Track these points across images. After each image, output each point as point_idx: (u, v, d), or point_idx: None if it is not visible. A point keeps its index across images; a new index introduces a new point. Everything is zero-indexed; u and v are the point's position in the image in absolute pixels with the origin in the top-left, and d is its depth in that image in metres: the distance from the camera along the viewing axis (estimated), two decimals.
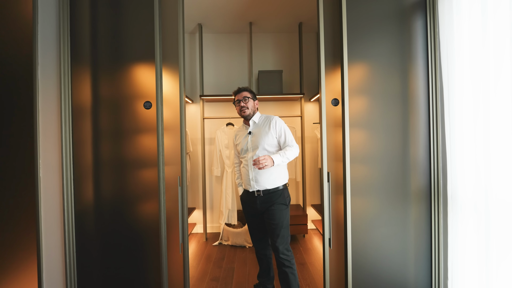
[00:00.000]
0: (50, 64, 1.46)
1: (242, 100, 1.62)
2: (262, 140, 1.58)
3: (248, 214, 1.70)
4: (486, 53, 1.13)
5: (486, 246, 1.13)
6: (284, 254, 1.55)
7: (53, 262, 1.46)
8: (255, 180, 1.60)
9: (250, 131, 1.64)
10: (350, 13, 1.52)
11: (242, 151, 1.66)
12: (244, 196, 1.71)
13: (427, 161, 1.53)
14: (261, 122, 1.65)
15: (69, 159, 1.45)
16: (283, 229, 1.56)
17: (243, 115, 1.63)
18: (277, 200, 1.58)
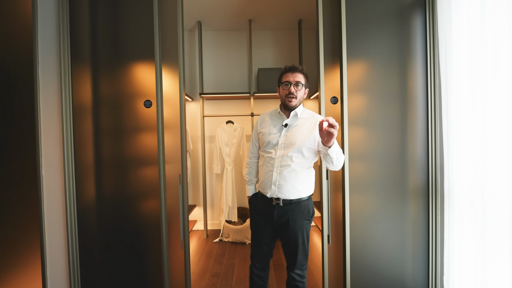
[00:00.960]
0: (50, 63, 1.47)
1: (294, 85, 1.24)
2: (301, 140, 1.23)
3: (259, 224, 1.35)
4: (484, 51, 1.14)
5: (482, 243, 1.15)
6: (300, 270, 1.31)
7: (56, 259, 1.48)
8: (277, 185, 1.26)
9: (287, 124, 1.28)
10: (349, 10, 1.52)
11: (269, 144, 1.29)
12: (257, 202, 1.37)
13: (425, 158, 1.54)
14: (304, 117, 1.29)
15: (71, 157, 1.46)
16: (306, 248, 1.30)
17: (288, 104, 1.26)
18: (300, 214, 1.27)
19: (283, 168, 1.25)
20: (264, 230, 1.34)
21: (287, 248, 1.31)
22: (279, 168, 1.25)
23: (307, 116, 1.30)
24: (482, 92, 1.15)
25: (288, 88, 1.25)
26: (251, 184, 1.48)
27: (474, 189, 1.20)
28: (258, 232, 1.36)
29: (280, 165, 1.25)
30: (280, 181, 1.25)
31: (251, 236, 1.41)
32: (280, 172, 1.25)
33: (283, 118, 1.31)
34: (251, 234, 1.41)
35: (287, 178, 1.24)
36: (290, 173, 1.24)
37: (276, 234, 1.35)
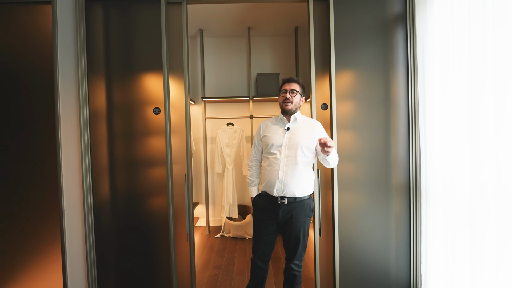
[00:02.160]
0: (69, 74, 1.63)
1: (289, 92, 1.44)
2: (303, 141, 1.39)
3: (263, 222, 1.46)
4: (451, 65, 1.30)
5: (452, 235, 1.31)
6: (298, 261, 1.46)
7: (75, 249, 1.66)
8: (283, 182, 1.38)
9: (288, 127, 1.45)
10: (337, 25, 1.68)
11: (273, 146, 1.42)
12: (261, 202, 1.47)
13: (407, 159, 1.70)
14: (302, 122, 1.48)
15: (88, 159, 1.63)
16: (306, 242, 1.45)
17: (285, 108, 1.44)
18: (302, 212, 1.41)
19: (288, 167, 1.38)
20: (268, 228, 1.45)
21: (288, 242, 1.45)
22: (285, 167, 1.38)
23: (305, 120, 1.49)
24: (450, 100, 1.32)
25: (284, 95, 1.45)
26: (254, 186, 1.58)
27: (444, 188, 1.37)
28: (262, 230, 1.46)
29: (286, 164, 1.39)
30: (285, 178, 1.38)
31: (253, 233, 1.52)
32: (286, 171, 1.38)
33: (284, 123, 1.47)
34: (253, 231, 1.52)
35: (292, 175, 1.38)
36: (294, 171, 1.38)
37: (277, 230, 1.47)
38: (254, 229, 1.51)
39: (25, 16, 1.66)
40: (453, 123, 1.29)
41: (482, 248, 1.10)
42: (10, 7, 1.65)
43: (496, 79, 1.03)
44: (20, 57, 1.65)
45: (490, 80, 1.05)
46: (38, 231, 1.67)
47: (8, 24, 1.65)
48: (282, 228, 1.46)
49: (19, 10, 1.65)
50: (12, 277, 1.67)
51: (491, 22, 1.04)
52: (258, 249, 1.48)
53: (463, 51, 1.20)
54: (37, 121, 1.65)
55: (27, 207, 1.66)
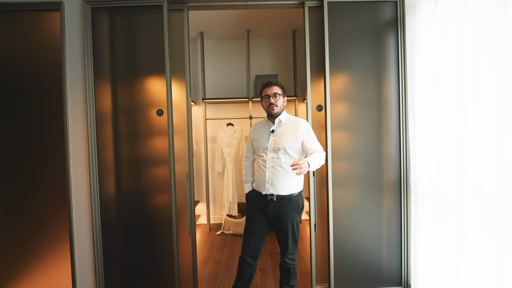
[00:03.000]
0: (76, 78, 1.72)
1: (272, 96, 1.46)
2: (286, 142, 1.44)
3: (254, 215, 1.52)
4: (436, 66, 1.38)
5: (438, 230, 1.40)
6: (291, 254, 1.52)
7: (83, 243, 1.75)
8: (270, 183, 1.45)
9: (273, 130, 1.49)
10: (331, 31, 1.76)
11: (260, 149, 1.49)
12: (253, 197, 1.55)
13: (398, 157, 1.79)
14: (288, 123, 1.50)
15: (95, 158, 1.72)
16: (296, 236, 1.50)
17: (272, 112, 1.47)
18: (291, 208, 1.47)
19: (274, 168, 1.44)
20: (258, 221, 1.51)
21: (280, 237, 1.52)
22: (271, 168, 1.44)
23: (290, 121, 1.51)
24: (435, 102, 1.40)
25: (268, 100, 1.47)
26: (248, 183, 1.66)
27: (431, 187, 1.45)
28: (253, 222, 1.51)
29: (272, 165, 1.45)
30: (272, 179, 1.44)
31: (244, 228, 1.55)
32: (272, 172, 1.44)
33: (270, 125, 1.52)
34: (245, 225, 1.56)
35: (278, 176, 1.43)
36: (280, 172, 1.43)
37: (268, 225, 1.53)
38: (246, 222, 1.56)
39: (34, 23, 1.74)
40: (438, 125, 1.37)
41: (463, 238, 1.19)
42: (20, 15, 1.74)
43: (475, 82, 1.11)
44: (30, 61, 1.74)
45: (470, 83, 1.13)
46: (47, 226, 1.76)
47: (18, 30, 1.74)
48: (272, 224, 1.52)
49: (28, 17, 1.74)
50: (23, 270, 1.76)
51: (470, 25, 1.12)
52: (248, 243, 1.51)
53: (446, 54, 1.29)
54: (47, 123, 1.74)
55: (36, 204, 1.75)
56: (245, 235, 1.54)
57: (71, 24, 1.72)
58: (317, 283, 1.84)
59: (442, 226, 1.35)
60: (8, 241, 1.75)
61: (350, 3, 1.77)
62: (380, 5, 1.78)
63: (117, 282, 1.77)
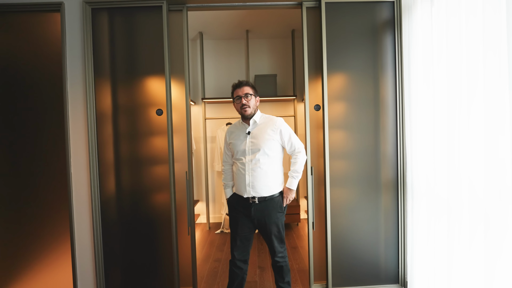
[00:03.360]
0: (77, 78, 1.74)
1: (243, 97, 1.44)
2: (264, 143, 1.42)
3: (238, 221, 1.48)
4: (432, 66, 1.39)
5: (434, 228, 1.41)
6: (280, 253, 1.51)
7: (84, 241, 1.76)
8: (251, 185, 1.43)
9: (249, 131, 1.46)
10: (330, 30, 1.78)
11: (238, 152, 1.46)
12: (235, 201, 1.52)
13: (395, 156, 1.81)
14: (263, 122, 1.48)
15: (95, 157, 1.74)
16: (282, 235, 1.50)
17: (244, 114, 1.44)
18: (273, 209, 1.46)
19: (254, 170, 1.42)
20: (243, 224, 1.47)
21: (266, 239, 1.51)
22: (251, 171, 1.42)
23: (266, 120, 1.49)
24: (430, 102, 1.42)
25: (239, 100, 1.45)
26: (228, 187, 1.60)
27: (427, 186, 1.47)
28: (237, 227, 1.48)
29: (251, 168, 1.42)
30: (253, 181, 1.42)
31: (230, 233, 1.53)
32: (252, 174, 1.42)
33: (245, 127, 1.48)
34: (230, 231, 1.53)
35: (258, 178, 1.41)
36: (260, 174, 1.42)
37: (253, 227, 1.50)
38: (231, 228, 1.53)
39: (35, 24, 1.76)
40: (434, 124, 1.39)
41: (458, 236, 1.21)
42: (21, 15, 1.75)
43: (469, 81, 1.13)
44: (30, 62, 1.76)
45: (465, 83, 1.15)
46: (48, 224, 1.78)
47: (18, 31, 1.76)
48: (258, 226, 1.49)
49: (29, 18, 1.76)
50: (24, 268, 1.78)
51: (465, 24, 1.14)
52: (236, 248, 1.49)
53: (441, 53, 1.30)
54: (48, 123, 1.76)
55: (37, 202, 1.77)
56: (232, 240, 1.52)
57: (71, 25, 1.73)
58: (315, 281, 1.86)
59: (437, 224, 1.37)
60: (9, 239, 1.77)
61: (347, 4, 1.78)
62: (377, 6, 1.79)
63: (117, 279, 1.79)
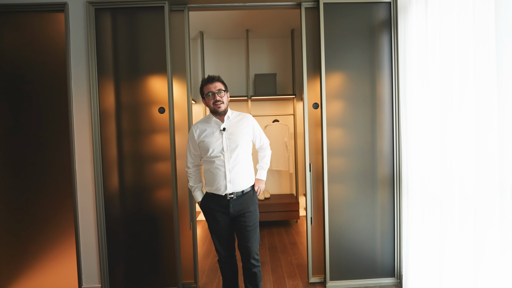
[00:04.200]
0: (81, 78, 1.78)
1: (217, 93, 1.39)
2: (241, 139, 1.42)
3: (216, 219, 1.45)
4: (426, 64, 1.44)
5: (428, 222, 1.46)
6: (256, 255, 1.48)
7: (88, 236, 1.81)
8: (232, 181, 1.40)
9: (224, 128, 1.42)
10: (328, 30, 1.82)
11: (214, 150, 1.40)
12: (209, 202, 1.46)
13: (391, 153, 1.85)
14: (235, 118, 1.47)
15: (99, 154, 1.78)
16: (257, 231, 1.49)
17: (218, 110, 1.40)
18: (251, 201, 1.46)
19: (234, 167, 1.40)
20: (221, 222, 1.44)
21: (242, 237, 1.44)
22: (231, 168, 1.39)
23: (237, 116, 1.49)
24: (424, 101, 1.46)
25: (213, 97, 1.39)
26: (198, 190, 1.53)
27: (421, 182, 1.52)
28: (217, 226, 1.45)
29: (231, 165, 1.39)
30: (233, 177, 1.40)
31: (210, 234, 1.51)
32: (232, 171, 1.39)
33: (219, 124, 1.43)
34: (210, 232, 1.53)
35: (239, 173, 1.41)
36: (240, 169, 1.41)
37: (231, 223, 1.46)
38: (210, 229, 1.50)
39: (39, 24, 1.80)
40: (427, 122, 1.43)
41: (450, 231, 1.26)
42: (25, 15, 1.79)
43: (460, 79, 1.17)
44: (35, 61, 1.80)
45: (456, 80, 1.20)
46: (52, 220, 1.82)
47: (23, 31, 1.79)
48: (235, 225, 1.46)
49: (34, 18, 1.80)
50: (29, 264, 1.83)
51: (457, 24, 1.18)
52: (220, 246, 1.49)
53: (435, 52, 1.35)
54: (52, 121, 1.80)
55: (43, 198, 1.81)
56: (214, 239, 1.50)
57: (75, 25, 1.77)
58: (313, 275, 1.91)
59: (430, 219, 1.42)
60: (15, 235, 1.82)
61: (345, 4, 1.82)
62: (374, 6, 1.83)
63: (121, 274, 1.84)
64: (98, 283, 1.82)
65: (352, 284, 1.86)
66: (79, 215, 1.80)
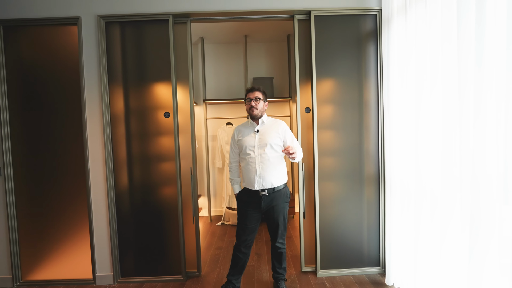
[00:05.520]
0: (93, 85, 1.95)
1: (253, 100, 1.65)
2: (271, 139, 1.63)
3: (248, 213, 1.67)
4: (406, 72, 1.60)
5: (406, 216, 1.63)
6: (282, 239, 1.74)
7: (101, 229, 1.99)
8: (261, 177, 1.61)
9: (258, 130, 1.68)
10: (320, 40, 1.98)
11: (247, 147, 1.65)
12: (245, 196, 1.70)
13: (377, 153, 2.02)
14: (269, 123, 1.70)
15: (110, 154, 1.96)
16: (286, 222, 1.73)
17: (251, 114, 1.66)
18: (281, 198, 1.66)
19: (263, 163, 1.62)
20: (251, 217, 1.67)
21: (272, 226, 1.72)
22: (260, 163, 1.62)
23: (272, 121, 1.72)
24: (403, 105, 1.63)
25: (250, 102, 1.66)
26: (237, 183, 1.78)
27: (401, 179, 1.69)
28: (246, 219, 1.67)
29: (260, 161, 1.63)
30: (262, 173, 1.61)
31: (238, 224, 1.71)
32: (261, 166, 1.62)
33: (254, 126, 1.70)
34: (238, 222, 1.72)
35: (267, 169, 1.62)
36: (268, 165, 1.62)
37: (260, 219, 1.70)
38: (239, 220, 1.72)
39: (55, 36, 1.97)
40: (404, 125, 1.60)
41: (421, 221, 1.43)
42: (42, 29, 1.96)
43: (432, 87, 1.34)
44: (51, 69, 1.97)
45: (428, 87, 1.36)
46: (68, 214, 2.01)
47: (40, 42, 1.97)
48: (265, 215, 1.70)
49: (49, 30, 1.97)
50: (47, 252, 2.01)
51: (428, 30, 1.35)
52: (243, 237, 1.69)
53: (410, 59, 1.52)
54: (68, 124, 1.98)
55: (60, 194, 1.99)
56: (239, 229, 1.71)
57: (87, 36, 1.94)
58: (305, 264, 2.09)
59: (406, 212, 1.59)
60: (36, 227, 2.00)
61: (335, 16, 1.98)
62: (362, 18, 1.99)
63: (131, 262, 2.02)
64: (110, 271, 2.01)
65: (340, 273, 2.03)
66: (93, 209, 1.98)
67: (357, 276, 2.01)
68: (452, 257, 1.21)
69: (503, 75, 0.96)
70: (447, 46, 1.21)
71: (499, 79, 0.96)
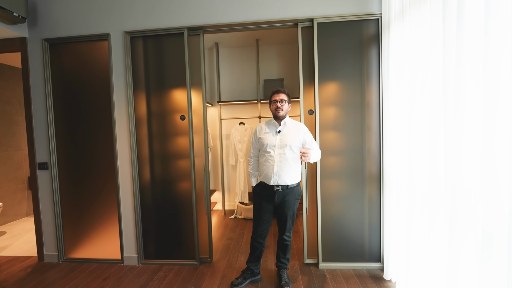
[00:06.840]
0: (120, 92, 2.25)
1: (279, 101, 1.76)
2: (292, 141, 1.74)
3: (262, 205, 1.82)
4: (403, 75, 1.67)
5: (401, 212, 1.72)
6: (289, 232, 1.88)
7: (127, 218, 2.30)
8: (278, 175, 1.73)
9: (280, 130, 1.78)
10: (323, 45, 2.09)
11: (268, 146, 1.76)
12: (260, 189, 1.83)
13: (378, 153, 2.10)
14: (291, 125, 1.80)
15: (135, 152, 2.25)
16: (294, 218, 1.86)
17: (277, 115, 1.77)
18: (293, 195, 1.78)
19: (281, 162, 1.73)
20: (267, 210, 1.82)
21: (281, 220, 1.86)
22: (278, 162, 1.73)
23: (293, 124, 1.83)
24: (399, 107, 1.70)
25: (275, 103, 1.79)
26: (254, 177, 1.95)
27: (397, 178, 1.76)
28: (261, 210, 1.83)
29: (279, 160, 1.74)
30: (279, 171, 1.73)
31: (254, 215, 1.88)
32: (279, 165, 1.73)
33: (276, 126, 1.81)
34: (254, 213, 1.89)
35: (284, 168, 1.73)
36: (285, 165, 1.73)
37: (273, 211, 1.85)
38: (254, 211, 1.89)
39: (89, 50, 2.29)
40: (400, 126, 1.68)
41: (414, 217, 1.52)
42: (79, 44, 2.29)
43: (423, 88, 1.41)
44: (86, 79, 2.30)
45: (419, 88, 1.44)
46: (101, 202, 2.34)
47: (78, 56, 2.30)
48: (277, 209, 1.85)
49: (84, 46, 2.29)
50: (83, 234, 2.37)
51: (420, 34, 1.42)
52: (258, 227, 1.86)
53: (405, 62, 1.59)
54: (100, 126, 2.30)
55: (94, 185, 2.33)
56: (255, 220, 1.88)
57: (116, 50, 2.24)
58: (308, 257, 2.24)
59: (402, 209, 1.67)
60: (75, 213, 2.37)
61: (337, 23, 2.08)
62: (364, 23, 2.07)
63: (152, 246, 2.32)
64: (135, 253, 2.32)
65: (341, 266, 2.15)
66: (121, 199, 2.29)
67: (357, 270, 2.12)
68: (436, 251, 1.30)
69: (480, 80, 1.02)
70: (436, 50, 1.28)
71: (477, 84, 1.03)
